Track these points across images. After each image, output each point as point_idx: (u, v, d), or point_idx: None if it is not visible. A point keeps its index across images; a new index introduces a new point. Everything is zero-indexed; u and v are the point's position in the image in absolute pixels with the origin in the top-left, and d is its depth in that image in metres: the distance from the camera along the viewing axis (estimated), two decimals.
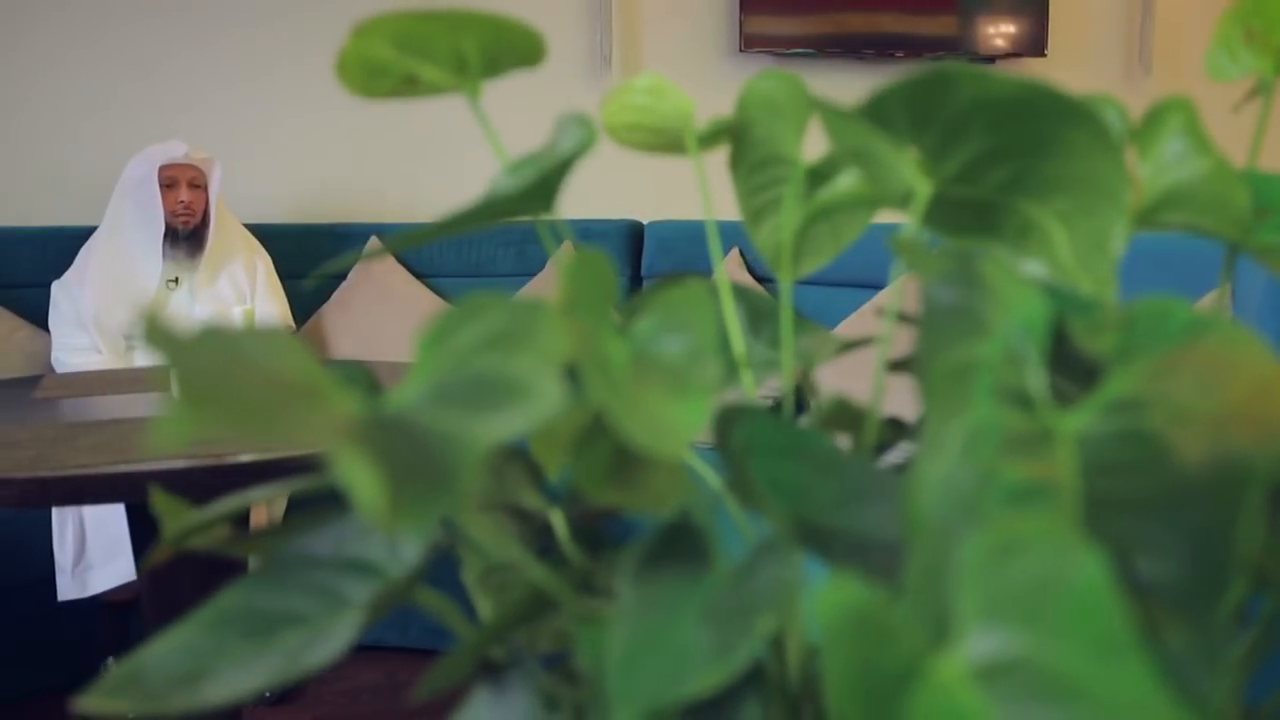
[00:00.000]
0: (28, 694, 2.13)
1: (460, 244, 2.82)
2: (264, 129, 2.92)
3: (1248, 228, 0.46)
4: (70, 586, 2.02)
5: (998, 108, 0.41)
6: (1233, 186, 0.47)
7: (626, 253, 2.84)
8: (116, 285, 2.31)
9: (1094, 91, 0.49)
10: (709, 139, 0.58)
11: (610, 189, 2.88)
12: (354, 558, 0.43)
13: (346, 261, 0.48)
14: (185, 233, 2.35)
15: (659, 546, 0.40)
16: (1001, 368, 0.34)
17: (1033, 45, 3.28)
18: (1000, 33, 3.26)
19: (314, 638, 0.40)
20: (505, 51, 0.52)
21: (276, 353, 0.30)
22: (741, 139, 0.59)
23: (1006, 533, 0.27)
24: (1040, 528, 0.27)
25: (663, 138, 0.58)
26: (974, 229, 0.47)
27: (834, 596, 0.25)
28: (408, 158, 3.03)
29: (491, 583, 0.55)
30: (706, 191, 0.58)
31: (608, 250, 2.80)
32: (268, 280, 2.52)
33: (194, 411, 0.21)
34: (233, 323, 2.32)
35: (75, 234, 2.49)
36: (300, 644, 0.40)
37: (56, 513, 2.03)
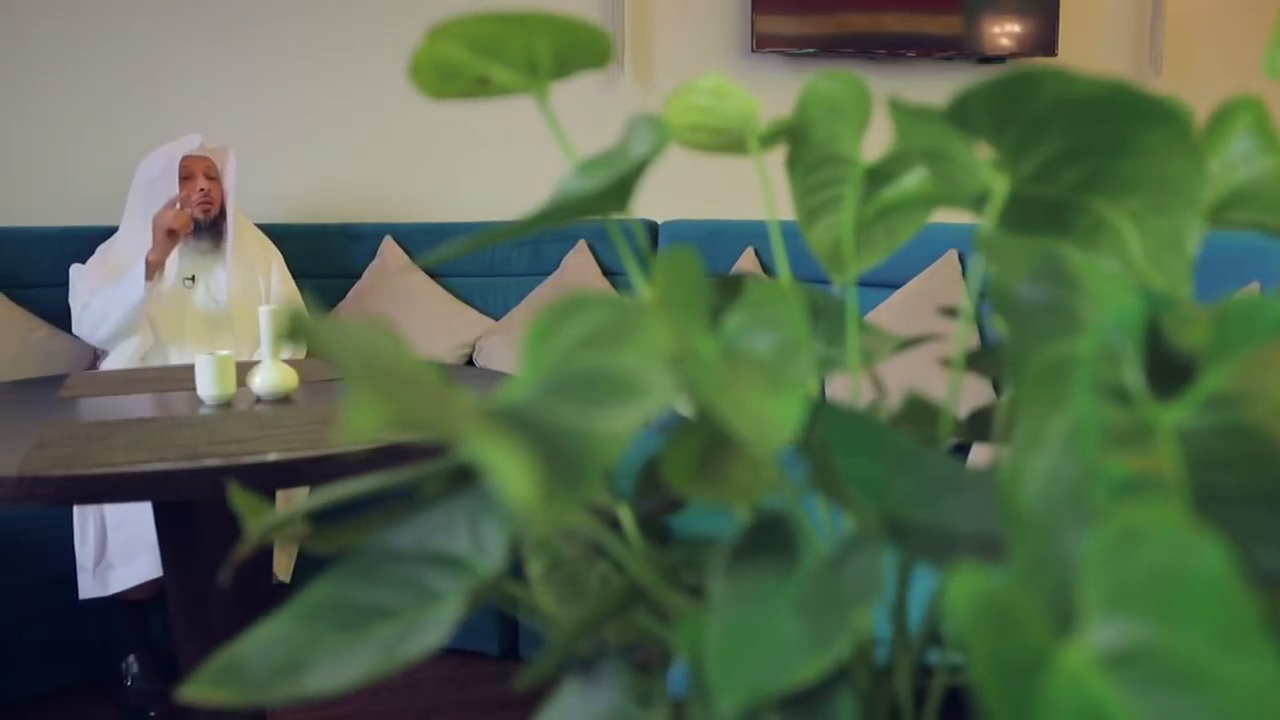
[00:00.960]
0: (49, 692, 2.14)
1: None
2: (273, 128, 2.93)
3: None
4: (91, 585, 2.02)
5: (1079, 107, 0.41)
6: None
7: (640, 252, 2.85)
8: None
9: None
10: (769, 139, 0.59)
11: None
12: (439, 552, 0.44)
13: (438, 256, 0.48)
14: (205, 223, 2.35)
15: (748, 540, 0.41)
16: (1098, 363, 0.35)
17: (1044, 45, 3.29)
18: (1012, 32, 3.26)
19: (407, 630, 0.41)
20: (575, 53, 0.53)
21: (398, 348, 0.31)
22: (800, 139, 0.60)
23: (1126, 524, 0.28)
24: (1159, 518, 0.28)
25: (724, 138, 0.58)
26: (1045, 227, 0.47)
27: (965, 586, 0.26)
28: (416, 157, 3.04)
29: (557, 578, 0.55)
30: (769, 191, 0.58)
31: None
32: (282, 279, 2.53)
33: (381, 403, 0.22)
34: (250, 318, 2.32)
35: (91, 234, 2.49)
36: (395, 636, 0.40)
37: (77, 511, 2.04)
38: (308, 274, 2.64)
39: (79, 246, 2.49)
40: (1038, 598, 0.30)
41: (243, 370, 1.79)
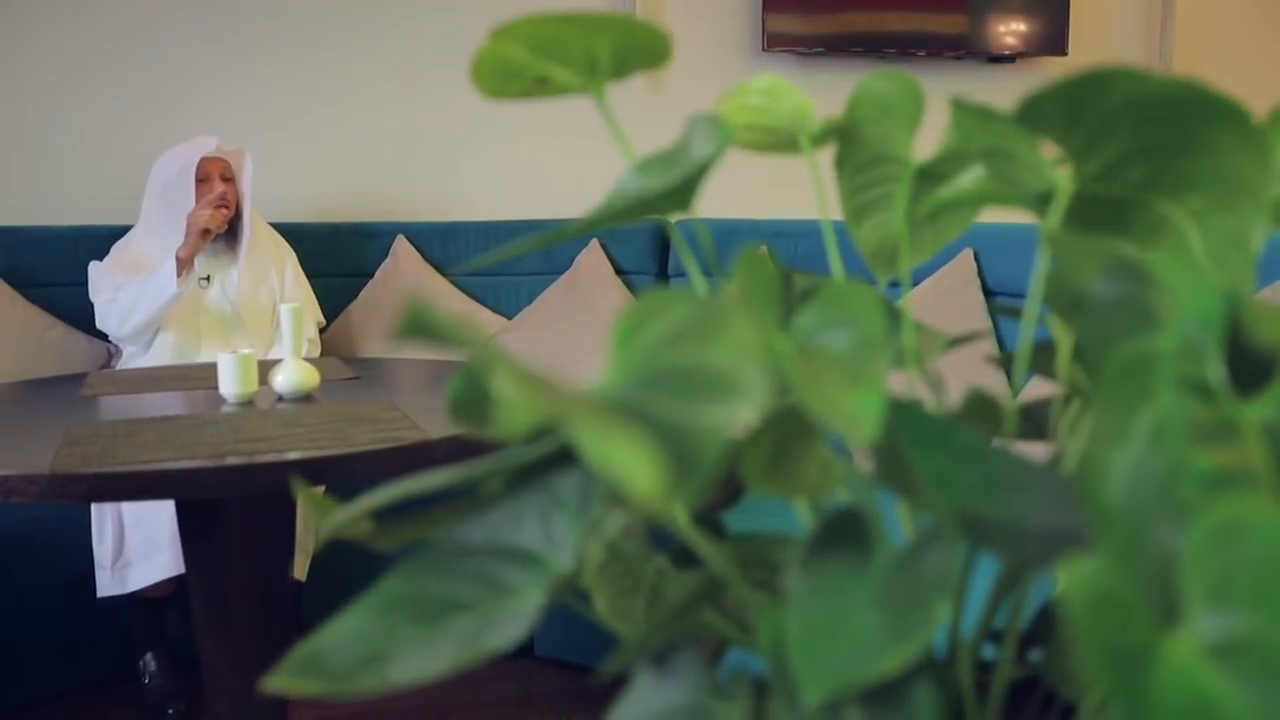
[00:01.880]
0: (66, 690, 2.14)
1: (487, 243, 2.84)
2: (285, 127, 2.93)
3: None
4: (109, 583, 2.03)
5: (1149, 106, 0.42)
6: None
7: (653, 251, 2.85)
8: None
9: None
10: (821, 139, 0.59)
11: None
12: (511, 547, 0.45)
13: (502, 253, 0.49)
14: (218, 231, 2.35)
15: (823, 534, 0.41)
16: (1181, 360, 0.35)
17: (1054, 44, 3.30)
18: (1022, 31, 3.27)
19: (486, 623, 0.41)
20: (634, 53, 0.53)
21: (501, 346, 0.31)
22: (850, 138, 0.60)
23: (1225, 517, 0.28)
24: (1259, 512, 0.28)
25: (777, 138, 0.59)
26: (1105, 226, 0.48)
27: (1077, 577, 0.27)
28: (429, 156, 3.04)
29: (611, 573, 0.56)
30: (821, 190, 0.59)
31: (635, 249, 2.80)
32: (296, 278, 2.53)
33: (531, 397, 0.22)
34: (264, 318, 2.32)
35: (107, 233, 2.50)
36: (474, 629, 0.41)
37: (95, 510, 2.05)
38: (320, 273, 2.64)
39: (93, 245, 2.49)
40: (1135, 589, 0.30)
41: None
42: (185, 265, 2.22)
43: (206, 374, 1.87)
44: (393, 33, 2.97)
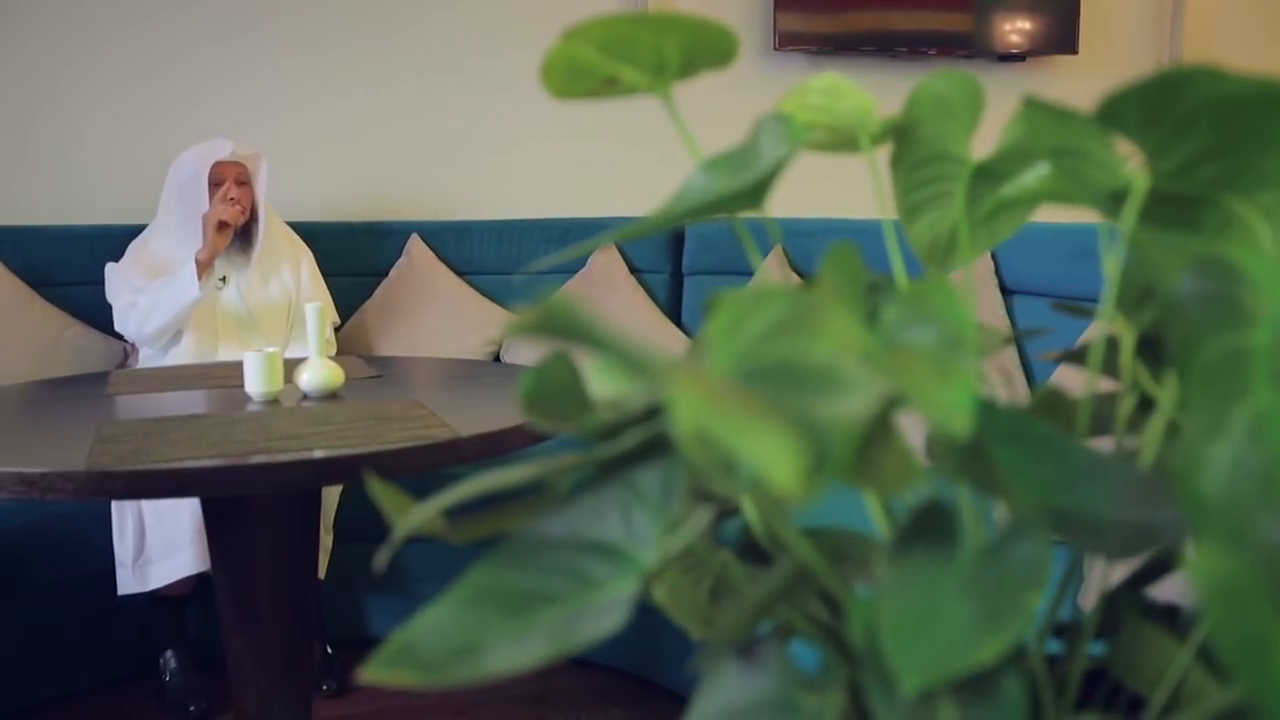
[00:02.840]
0: (88, 687, 2.15)
1: (501, 242, 2.84)
2: (300, 126, 2.94)
3: None
4: (130, 581, 2.04)
5: (1227, 104, 0.42)
6: None
7: (667, 250, 2.86)
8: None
9: None
10: (880, 137, 0.60)
11: (650, 186, 2.90)
12: (595, 540, 0.45)
13: (573, 252, 0.49)
14: (235, 229, 2.36)
15: (909, 528, 0.42)
16: (1275, 354, 0.36)
17: (1064, 43, 3.30)
18: (1031, 30, 3.27)
19: (575, 615, 0.42)
20: (702, 53, 0.54)
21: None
22: (907, 136, 0.61)
23: None
24: None
25: (838, 137, 0.59)
26: (1175, 223, 0.48)
27: (1207, 568, 0.27)
28: (443, 155, 3.05)
29: (676, 565, 0.56)
30: (880, 189, 0.59)
31: (649, 248, 2.80)
32: (312, 277, 2.54)
33: (699, 392, 0.23)
34: (278, 316, 2.32)
35: (123, 232, 2.51)
36: (564, 620, 0.41)
37: (116, 508, 2.05)
38: (335, 272, 2.65)
39: (109, 245, 2.50)
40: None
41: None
42: (205, 268, 2.23)
43: (227, 372, 1.88)
44: (407, 32, 2.98)
